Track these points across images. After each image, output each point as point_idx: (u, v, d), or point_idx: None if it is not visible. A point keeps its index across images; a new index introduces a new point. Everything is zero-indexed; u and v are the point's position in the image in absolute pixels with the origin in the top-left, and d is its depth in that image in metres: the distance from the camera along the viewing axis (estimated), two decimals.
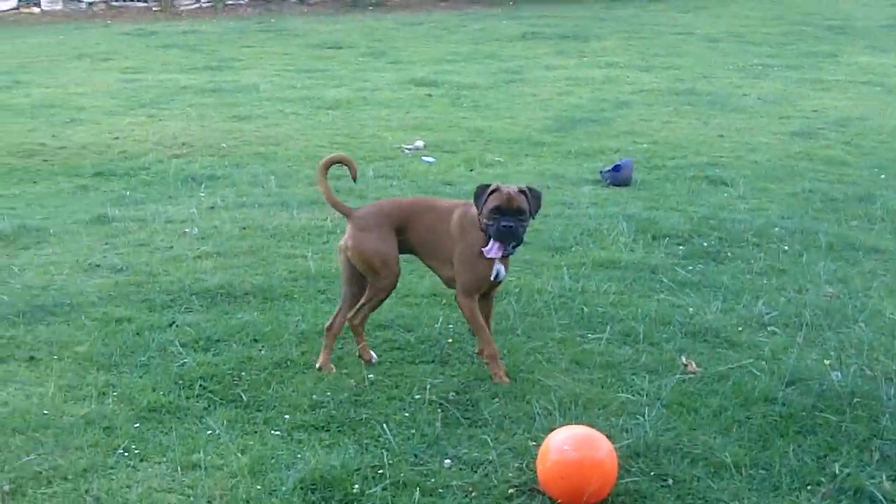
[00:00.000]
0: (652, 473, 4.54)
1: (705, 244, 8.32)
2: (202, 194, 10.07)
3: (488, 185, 5.37)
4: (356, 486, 4.25)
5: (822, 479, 4.56)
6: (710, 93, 17.69)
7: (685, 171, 11.56)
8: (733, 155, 12.71)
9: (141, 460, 4.62)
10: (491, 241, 5.31)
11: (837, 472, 4.58)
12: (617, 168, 10.85)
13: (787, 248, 8.30)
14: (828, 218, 9.46)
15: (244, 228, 8.59)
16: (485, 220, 5.31)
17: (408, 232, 5.64)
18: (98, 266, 7.54)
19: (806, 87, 18.60)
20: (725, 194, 10.46)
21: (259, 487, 4.31)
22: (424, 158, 12.02)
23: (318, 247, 8.02)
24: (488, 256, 5.31)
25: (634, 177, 10.94)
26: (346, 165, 6.02)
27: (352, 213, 5.76)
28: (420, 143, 12.73)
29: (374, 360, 5.65)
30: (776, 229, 8.82)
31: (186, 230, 8.53)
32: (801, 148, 13.33)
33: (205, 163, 11.67)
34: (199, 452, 4.65)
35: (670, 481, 4.49)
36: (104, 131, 13.57)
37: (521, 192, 5.35)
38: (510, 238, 5.30)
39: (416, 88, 17.17)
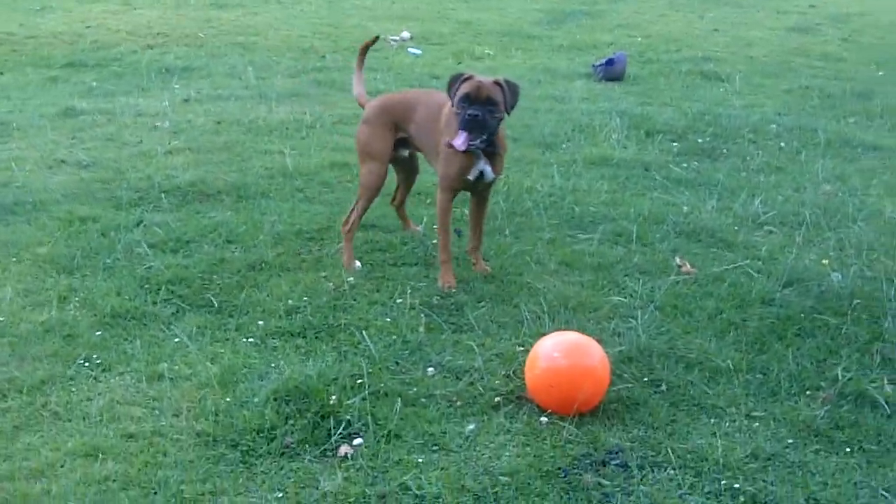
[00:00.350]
0: (645, 379, 4.28)
1: (700, 141, 8.00)
2: (176, 86, 9.67)
3: (462, 74, 5.05)
4: (333, 396, 3.96)
5: (822, 384, 4.31)
6: None
7: (679, 65, 11.21)
8: (728, 50, 12.35)
9: (103, 370, 4.31)
10: (459, 132, 4.97)
11: (839, 376, 4.33)
12: (610, 62, 10.49)
13: (783, 144, 8.00)
14: (825, 115, 9.15)
15: (219, 123, 8.22)
16: (455, 110, 4.99)
17: (407, 127, 5.40)
18: (63, 162, 7.18)
19: None
20: (721, 90, 10.13)
21: (229, 399, 4.02)
22: (410, 50, 11.61)
23: (297, 142, 7.67)
24: (456, 146, 4.95)
25: (627, 71, 10.60)
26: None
27: (365, 104, 5.64)
28: (406, 35, 12.30)
29: (356, 268, 5.39)
30: (773, 126, 8.50)
31: (158, 124, 8.17)
32: (797, 43, 12.97)
33: (180, 53, 11.25)
34: (165, 362, 4.36)
35: (664, 387, 4.24)
36: (76, 20, 13.08)
37: (496, 83, 4.99)
38: (477, 128, 4.92)
39: None
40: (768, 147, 7.87)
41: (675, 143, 7.89)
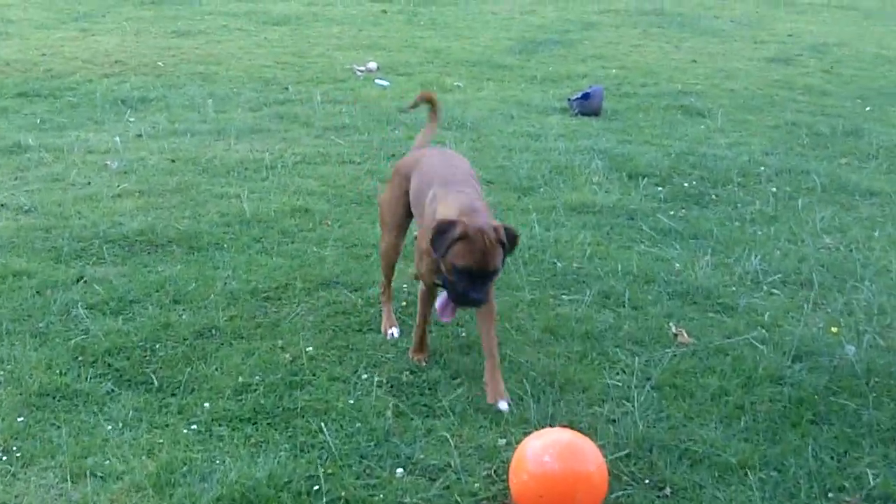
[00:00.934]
0: (647, 481, 3.75)
1: (686, 185, 7.52)
2: (131, 120, 9.09)
3: (453, 224, 3.95)
4: None
5: (846, 484, 3.81)
6: (679, 14, 16.84)
7: (658, 99, 10.75)
8: (708, 82, 11.91)
9: (23, 465, 3.73)
10: (446, 299, 4.13)
11: (864, 475, 3.82)
12: (586, 96, 10.01)
13: (775, 189, 7.53)
14: (816, 154, 8.70)
15: (173, 161, 7.65)
16: (446, 275, 4.04)
17: (409, 189, 4.60)
18: (2, 206, 6.58)
19: (779, 9, 17.80)
20: (703, 126, 9.66)
21: None
22: (378, 81, 11.09)
23: (256, 184, 7.11)
24: (441, 317, 4.18)
25: (604, 105, 10.12)
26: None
27: None
28: (373, 65, 11.78)
29: (391, 336, 4.79)
30: (762, 168, 8.04)
31: (108, 163, 7.58)
32: (779, 75, 12.56)
33: (137, 83, 10.66)
34: (95, 454, 3.78)
35: (668, 490, 3.72)
36: (32, 47, 12.47)
37: (500, 241, 3.99)
38: (477, 306, 4.10)
39: (369, 4, 16.16)
40: (760, 192, 7.40)
41: (660, 188, 7.41)
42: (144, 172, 7.35)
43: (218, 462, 3.72)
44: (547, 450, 3.46)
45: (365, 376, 4.40)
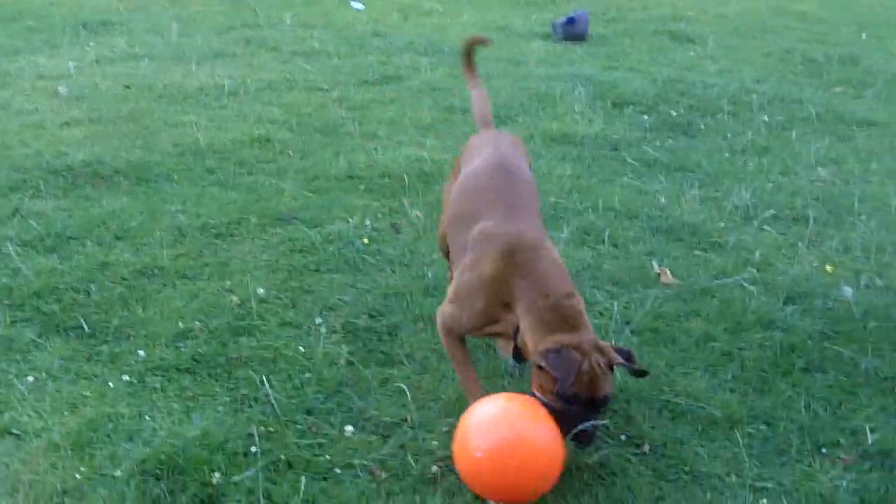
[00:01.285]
0: (623, 437, 3.40)
1: (674, 113, 7.10)
2: (90, 44, 8.59)
3: (572, 357, 3.06)
4: (216, 472, 3.03)
5: (841, 439, 3.47)
6: None
7: (646, 25, 10.29)
8: (699, 8, 11.45)
9: None
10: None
11: (861, 429, 3.48)
12: (571, 20, 9.55)
13: (767, 118, 7.12)
14: (810, 83, 8.28)
15: (128, 87, 7.18)
16: (555, 402, 3.07)
17: None
18: None
19: None
20: (692, 53, 9.23)
21: (84, 470, 3.05)
22: (353, 4, 10.59)
23: (214, 112, 6.66)
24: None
25: (590, 31, 9.65)
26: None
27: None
28: None
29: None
30: (753, 96, 7.62)
31: (59, 89, 7.10)
32: (773, 2, 12.08)
33: (100, 6, 10.15)
34: (13, 409, 3.39)
35: (647, 447, 3.36)
36: None
37: (609, 366, 3.13)
38: (590, 442, 3.15)
39: None
40: (751, 122, 6.99)
41: (645, 117, 6.98)
42: (96, 99, 6.89)
43: (148, 418, 3.33)
44: (480, 440, 2.95)
45: (319, 321, 4.01)
